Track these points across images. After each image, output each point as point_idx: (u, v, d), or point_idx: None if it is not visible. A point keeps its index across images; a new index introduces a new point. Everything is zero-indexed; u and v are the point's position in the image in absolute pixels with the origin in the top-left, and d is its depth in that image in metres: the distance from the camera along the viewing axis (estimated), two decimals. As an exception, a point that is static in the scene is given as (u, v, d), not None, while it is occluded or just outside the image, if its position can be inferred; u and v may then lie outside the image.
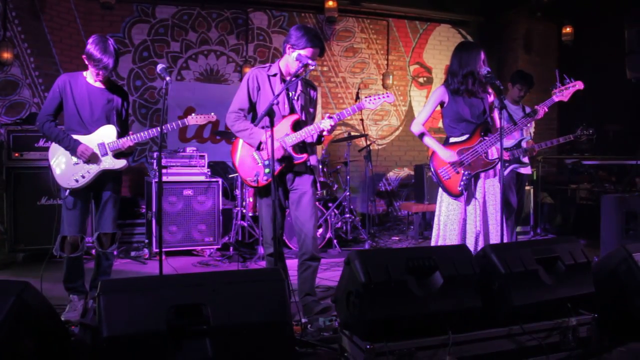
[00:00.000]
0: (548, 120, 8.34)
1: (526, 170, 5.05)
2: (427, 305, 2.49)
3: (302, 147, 3.54)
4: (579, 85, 3.75)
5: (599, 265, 3.22)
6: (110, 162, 3.56)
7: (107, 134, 3.57)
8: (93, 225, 3.76)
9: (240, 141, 3.55)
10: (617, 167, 7.10)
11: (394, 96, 3.60)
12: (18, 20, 6.27)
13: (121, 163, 3.61)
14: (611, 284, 3.07)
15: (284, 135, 3.43)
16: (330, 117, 3.42)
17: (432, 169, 3.76)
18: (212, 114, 3.88)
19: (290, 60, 3.43)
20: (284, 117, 3.47)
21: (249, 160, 3.50)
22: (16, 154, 5.11)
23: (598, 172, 7.15)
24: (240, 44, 7.56)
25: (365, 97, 3.54)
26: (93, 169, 3.52)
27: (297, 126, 3.47)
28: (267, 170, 3.37)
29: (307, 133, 3.44)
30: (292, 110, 3.52)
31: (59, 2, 6.60)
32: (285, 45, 3.48)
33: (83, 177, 3.50)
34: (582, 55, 7.64)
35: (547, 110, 3.84)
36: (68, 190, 3.49)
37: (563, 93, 3.74)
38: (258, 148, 3.45)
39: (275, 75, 3.52)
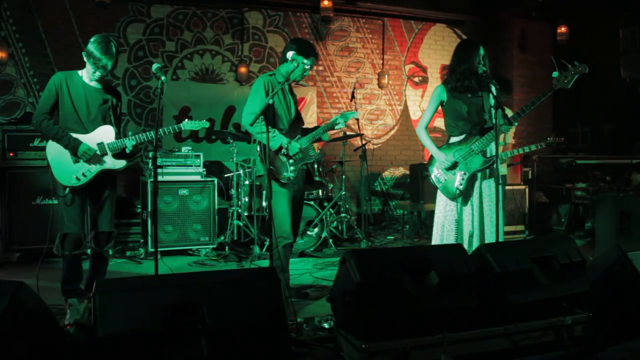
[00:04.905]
0: (544, 121, 8.37)
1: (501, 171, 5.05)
2: (423, 305, 2.50)
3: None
4: (583, 68, 3.43)
5: (594, 264, 3.23)
6: (111, 162, 3.57)
7: (106, 133, 3.57)
8: (88, 225, 3.73)
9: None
10: (611, 166, 7.12)
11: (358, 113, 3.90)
12: (12, 20, 6.24)
13: (121, 163, 3.61)
14: (606, 283, 3.09)
15: (296, 137, 3.76)
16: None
17: (429, 170, 3.77)
18: (205, 120, 3.99)
19: (291, 67, 3.74)
20: (291, 119, 3.78)
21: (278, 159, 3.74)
22: (11, 154, 5.08)
23: (593, 171, 7.17)
24: (235, 44, 7.55)
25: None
26: (94, 168, 3.51)
27: (299, 126, 3.84)
28: (292, 167, 3.68)
29: (323, 129, 3.83)
30: (292, 112, 3.82)
31: (54, 2, 6.56)
32: (287, 53, 3.74)
33: (84, 175, 3.49)
34: (577, 55, 7.59)
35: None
36: (68, 188, 3.48)
37: (566, 79, 3.44)
38: (278, 151, 3.68)
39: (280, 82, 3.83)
